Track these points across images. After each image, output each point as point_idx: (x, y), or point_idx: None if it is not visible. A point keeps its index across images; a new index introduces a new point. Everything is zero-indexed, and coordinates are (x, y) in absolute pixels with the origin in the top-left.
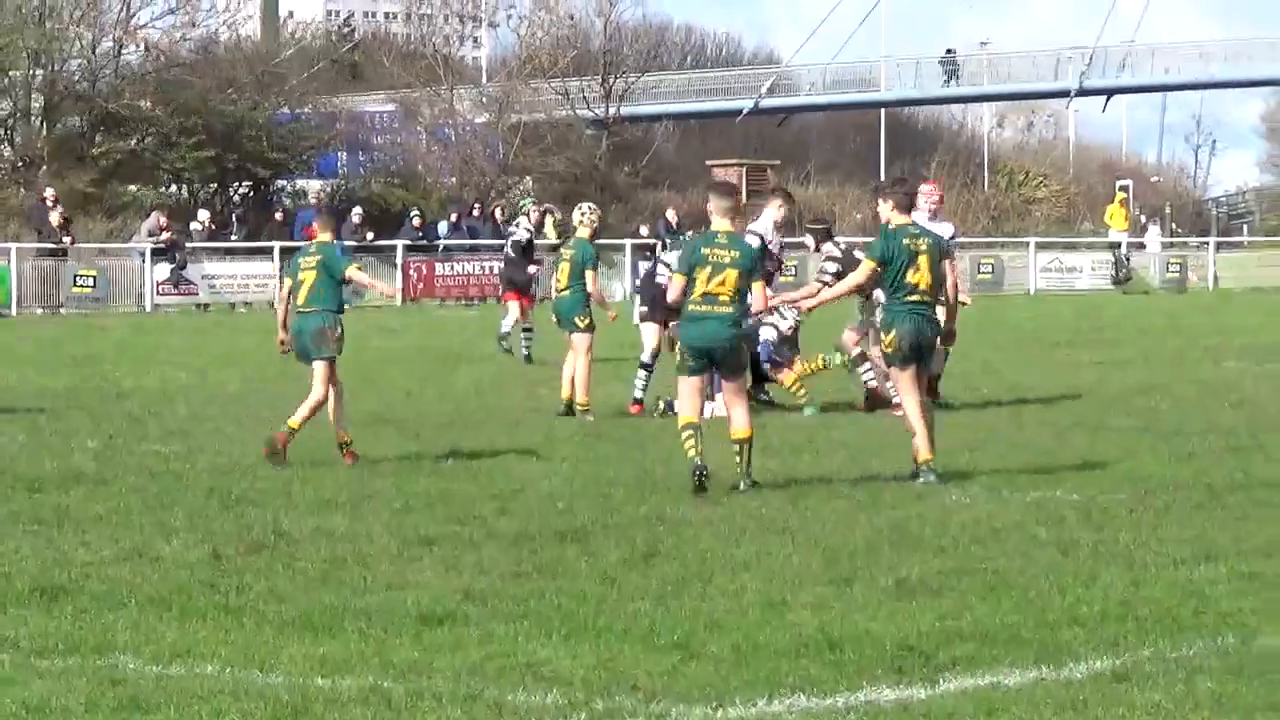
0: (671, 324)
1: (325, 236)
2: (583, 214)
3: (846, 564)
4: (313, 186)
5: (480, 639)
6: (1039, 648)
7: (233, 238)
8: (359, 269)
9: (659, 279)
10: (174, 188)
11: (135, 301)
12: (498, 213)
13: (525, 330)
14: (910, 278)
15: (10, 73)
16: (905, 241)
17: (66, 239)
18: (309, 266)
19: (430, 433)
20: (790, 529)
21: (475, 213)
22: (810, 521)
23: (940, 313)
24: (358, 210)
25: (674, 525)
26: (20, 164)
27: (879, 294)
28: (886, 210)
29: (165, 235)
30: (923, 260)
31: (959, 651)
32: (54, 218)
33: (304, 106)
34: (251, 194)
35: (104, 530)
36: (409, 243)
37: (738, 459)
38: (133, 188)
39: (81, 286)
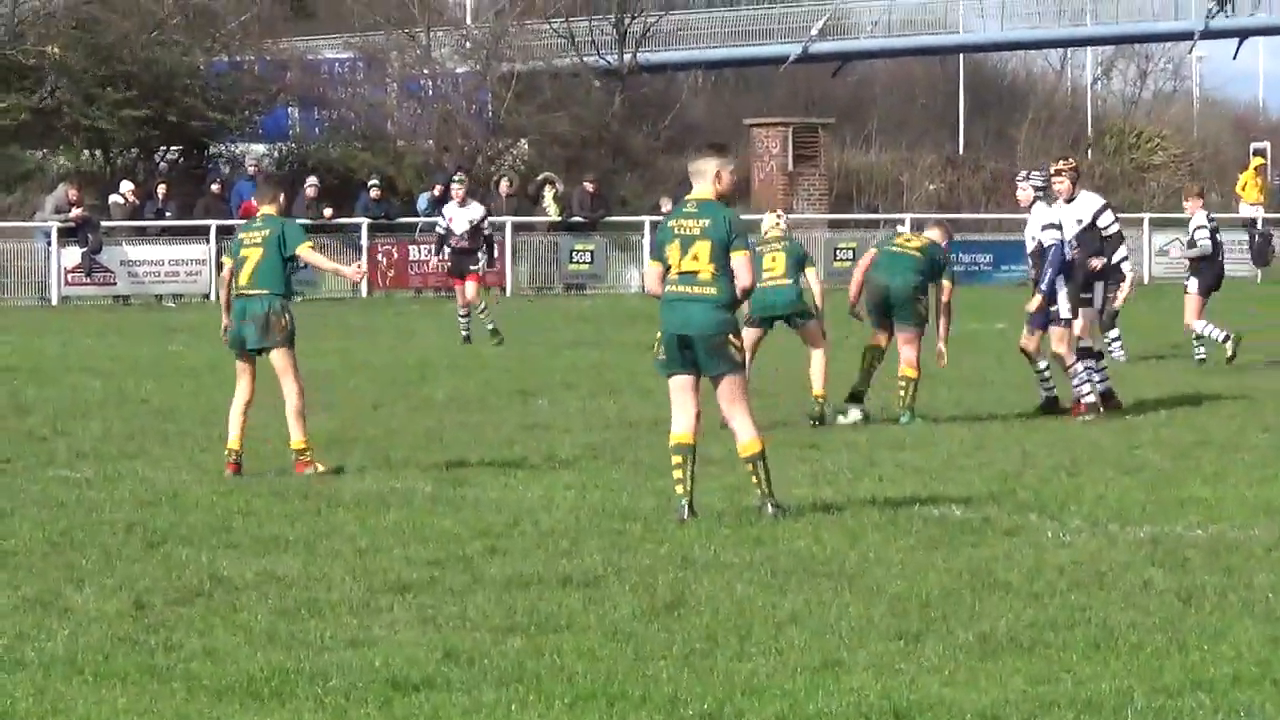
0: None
1: (269, 210)
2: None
3: (916, 616)
4: (257, 151)
5: (465, 709)
6: (1154, 718)
7: (166, 215)
8: (313, 249)
9: None
10: (86, 153)
11: (38, 293)
12: (504, 184)
13: (465, 314)
14: None
15: None
16: None
17: None
18: (253, 242)
19: (403, 454)
20: (847, 573)
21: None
22: (872, 564)
23: None
24: (313, 181)
25: (703, 568)
26: None
27: None
28: None
29: (76, 212)
30: None
31: None
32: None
33: (245, 53)
34: (181, 160)
35: (0, 575)
36: (374, 221)
37: (753, 480)
38: (37, 154)
39: None
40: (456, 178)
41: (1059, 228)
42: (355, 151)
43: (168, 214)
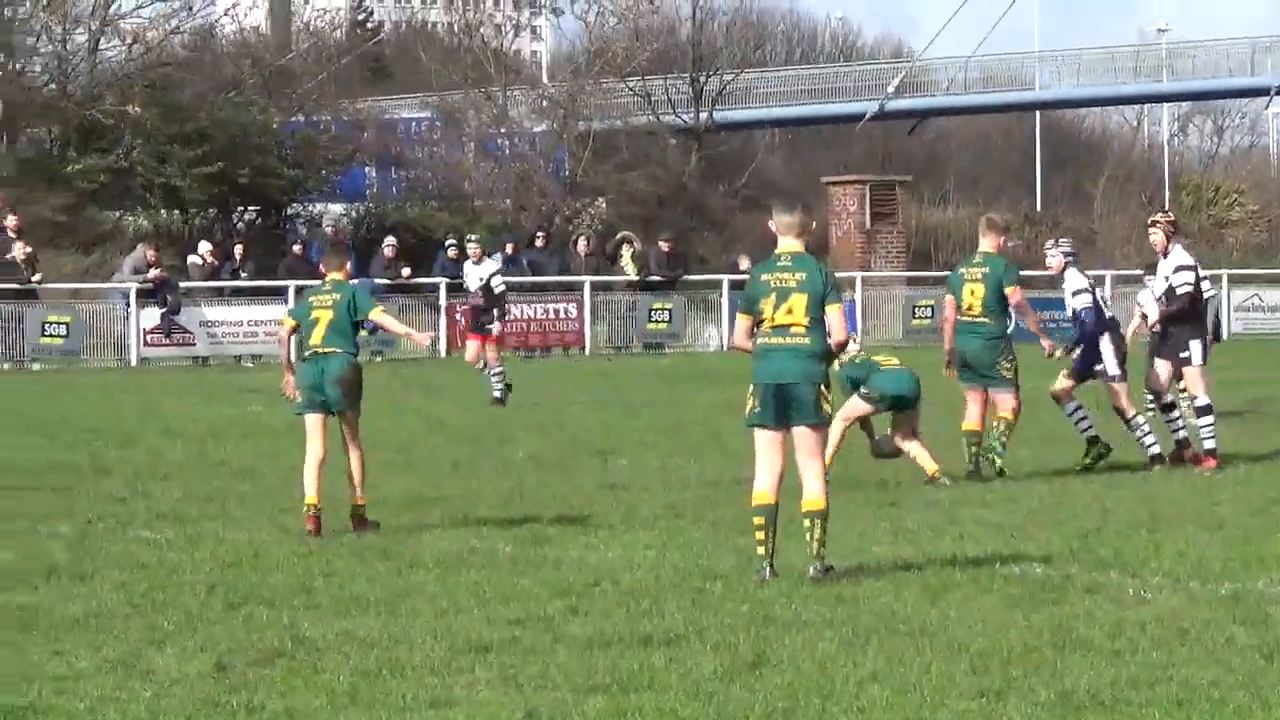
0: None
1: (337, 277)
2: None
3: (998, 673)
4: (334, 211)
5: None
6: None
7: (243, 276)
8: (384, 312)
9: None
10: (164, 213)
11: (117, 354)
12: (581, 243)
13: (497, 372)
14: None
15: None
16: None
17: (34, 277)
18: (324, 305)
19: (483, 514)
20: (928, 631)
21: (538, 242)
22: (953, 622)
23: None
24: (390, 240)
25: (784, 627)
26: None
27: None
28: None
29: (154, 272)
30: None
31: None
32: (17, 251)
33: (322, 113)
34: (259, 220)
35: (81, 636)
36: (452, 280)
37: (807, 536)
38: (115, 214)
39: (51, 336)
40: (471, 236)
41: (1090, 292)
42: (432, 211)
43: (244, 274)
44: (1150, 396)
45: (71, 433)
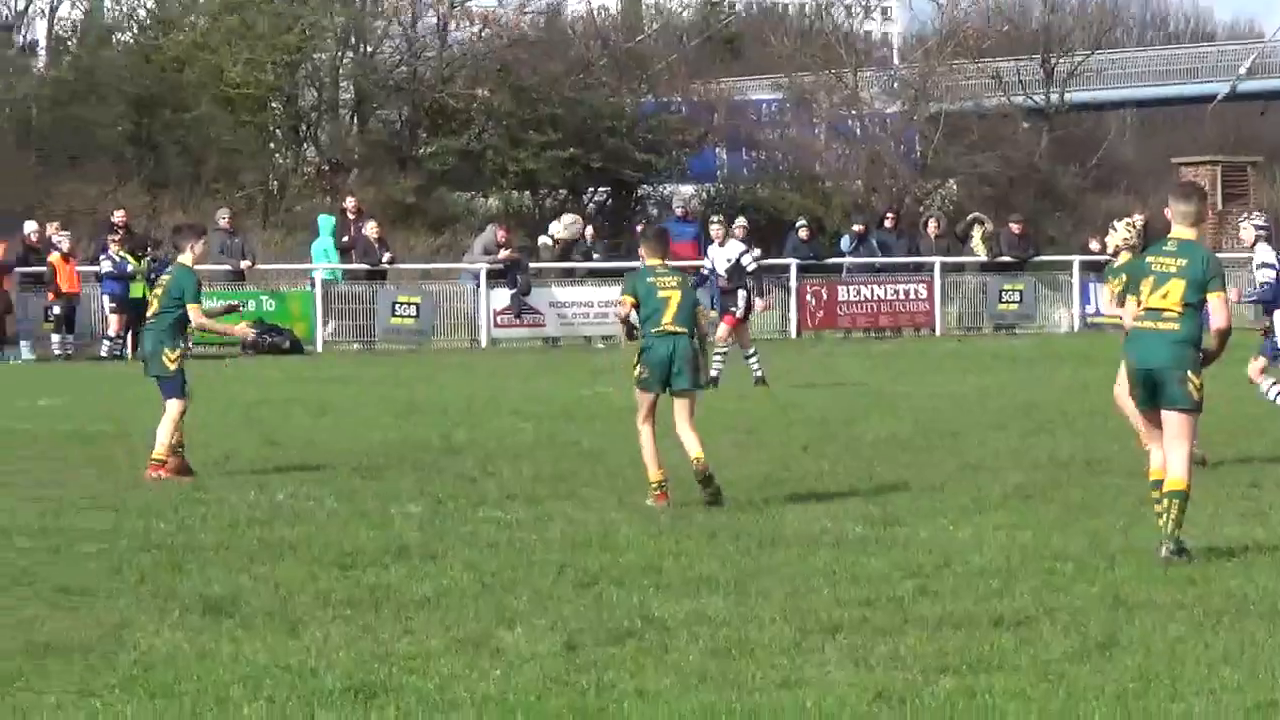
0: None
1: (654, 262)
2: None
3: None
4: (684, 192)
5: None
6: None
7: (594, 256)
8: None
9: None
10: (515, 195)
11: (467, 335)
12: (931, 224)
13: (720, 352)
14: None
15: (315, 56)
16: None
17: (385, 258)
18: (670, 286)
19: (833, 495)
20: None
21: (887, 223)
22: None
23: None
24: (741, 221)
25: (1135, 608)
26: (327, 167)
27: None
28: None
29: (505, 253)
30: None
31: None
32: (370, 230)
33: (673, 94)
34: (609, 201)
35: (432, 615)
36: (803, 262)
37: (1163, 517)
38: (465, 195)
39: (401, 317)
40: (714, 218)
41: (1273, 267)
42: (783, 192)
43: (595, 255)
44: None
45: (422, 413)
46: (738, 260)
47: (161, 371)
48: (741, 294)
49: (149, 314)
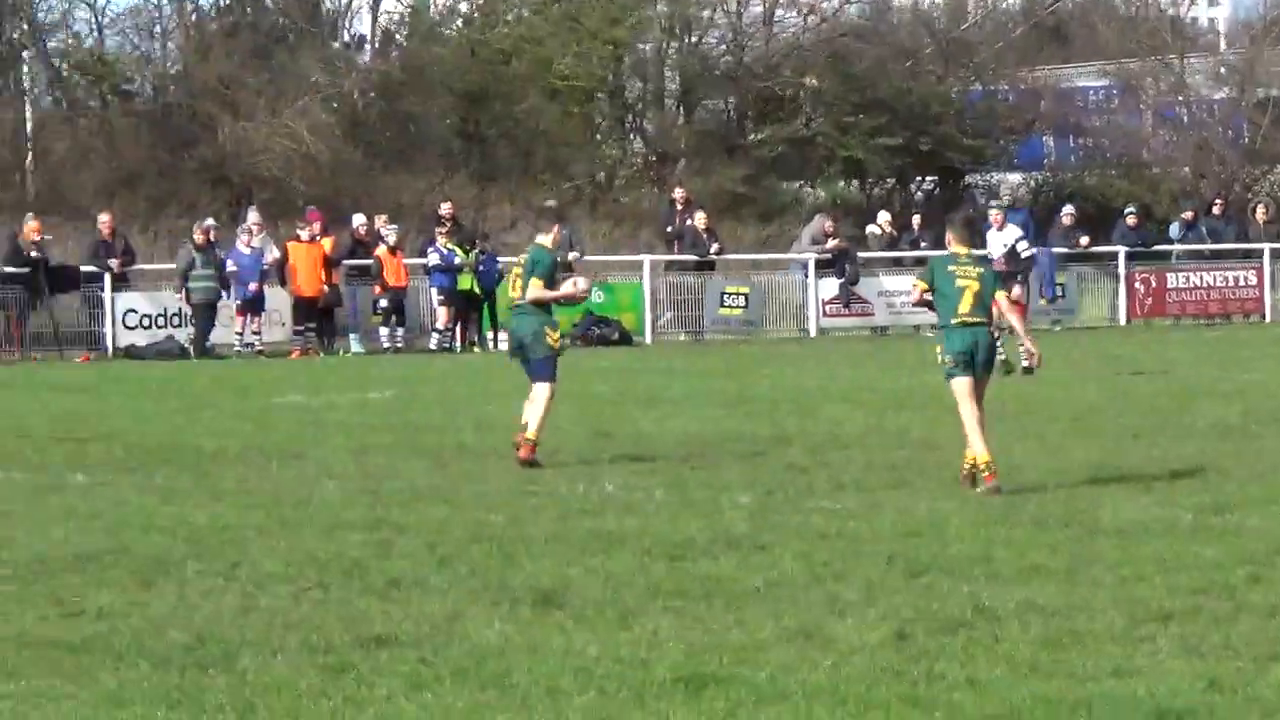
0: None
1: (959, 249)
2: None
3: None
4: (1011, 180)
5: None
6: None
7: (921, 245)
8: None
9: None
10: (842, 185)
11: (796, 324)
12: (1260, 211)
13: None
14: None
15: (640, 47)
16: None
17: (713, 249)
18: (970, 276)
19: (1164, 483)
20: None
21: (1215, 210)
22: None
23: None
24: (1069, 209)
25: None
26: (653, 158)
27: None
28: None
29: (833, 243)
30: None
31: None
32: (698, 221)
33: (998, 82)
34: (937, 190)
35: (762, 606)
36: (1131, 249)
37: None
38: (793, 185)
39: (730, 307)
40: (992, 203)
41: None
42: (1111, 179)
43: (923, 244)
44: None
45: (751, 403)
46: (1013, 246)
47: (543, 352)
48: (1018, 279)
49: (514, 298)
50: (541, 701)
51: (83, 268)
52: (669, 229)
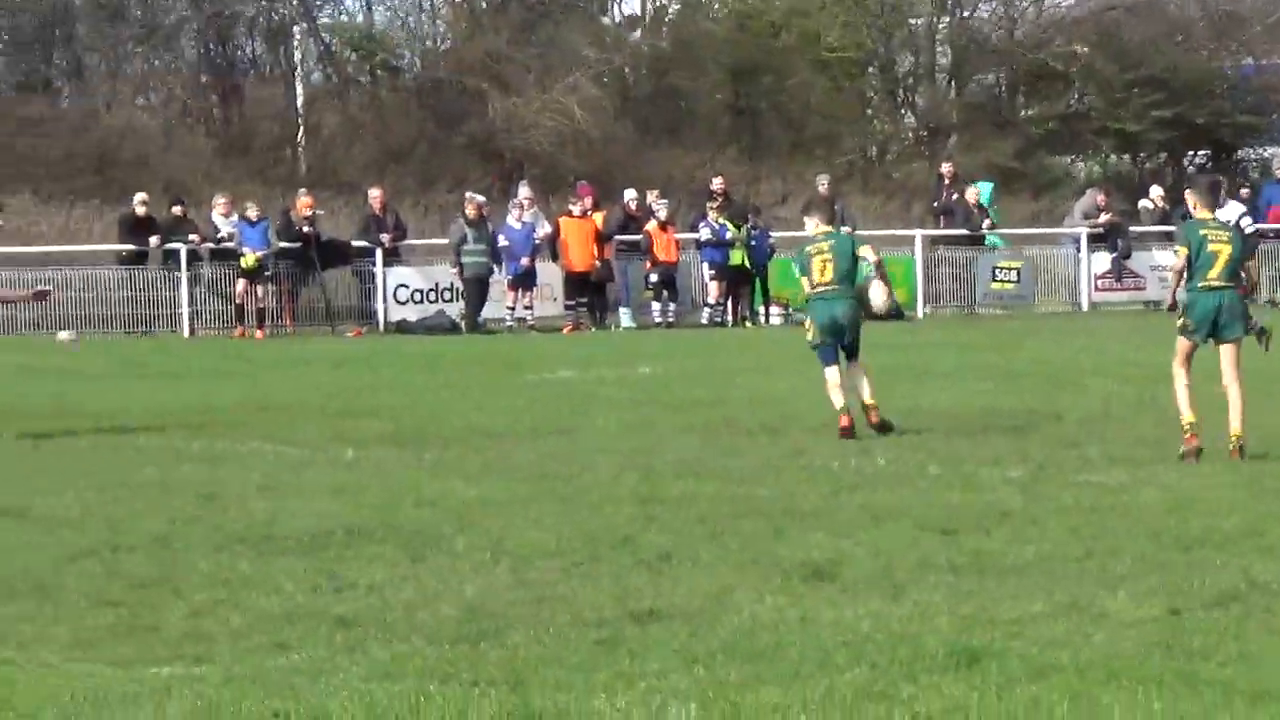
0: None
1: (1204, 215)
2: None
3: None
4: None
5: None
6: None
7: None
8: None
9: None
10: (1114, 159)
11: (1068, 298)
12: None
13: None
14: None
15: (911, 21)
16: None
17: (984, 223)
18: (1222, 240)
19: None
20: None
21: None
22: None
23: None
24: None
25: None
26: (924, 132)
27: None
28: None
29: (1105, 217)
30: None
31: None
32: (970, 195)
33: (1272, 56)
34: (1208, 164)
35: (1034, 580)
36: None
37: None
38: (1066, 159)
39: (1002, 281)
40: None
41: None
42: None
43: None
44: None
45: (1022, 377)
46: (1236, 223)
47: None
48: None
49: (824, 282)
50: (813, 675)
51: (354, 243)
52: (934, 204)
